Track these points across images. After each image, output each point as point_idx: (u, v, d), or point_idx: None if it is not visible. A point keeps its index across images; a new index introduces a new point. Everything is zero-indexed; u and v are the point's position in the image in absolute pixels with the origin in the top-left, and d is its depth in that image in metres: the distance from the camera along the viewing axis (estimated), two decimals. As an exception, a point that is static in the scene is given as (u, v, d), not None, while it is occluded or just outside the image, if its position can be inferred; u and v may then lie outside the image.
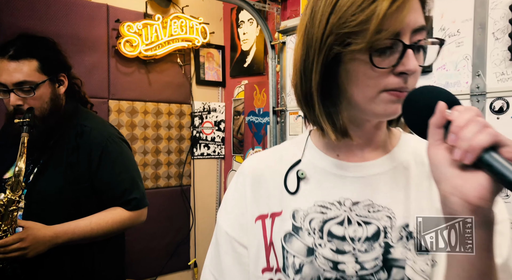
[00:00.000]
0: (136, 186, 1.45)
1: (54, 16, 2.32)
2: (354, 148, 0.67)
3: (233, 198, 0.74)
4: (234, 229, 0.71)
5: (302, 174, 0.68)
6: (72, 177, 1.34)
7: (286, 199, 0.68)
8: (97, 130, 1.41)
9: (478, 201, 0.45)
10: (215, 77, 3.09)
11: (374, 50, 0.55)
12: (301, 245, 0.64)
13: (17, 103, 1.30)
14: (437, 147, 0.49)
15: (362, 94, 0.58)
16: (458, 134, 0.46)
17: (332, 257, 0.62)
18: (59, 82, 1.40)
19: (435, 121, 0.49)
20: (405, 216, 0.62)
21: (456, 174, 0.47)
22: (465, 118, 0.46)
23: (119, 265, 1.54)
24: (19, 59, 1.29)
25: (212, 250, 0.76)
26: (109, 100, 2.54)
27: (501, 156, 0.44)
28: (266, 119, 2.76)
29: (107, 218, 1.37)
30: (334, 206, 0.65)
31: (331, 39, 0.57)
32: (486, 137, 0.44)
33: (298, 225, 0.65)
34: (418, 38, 0.57)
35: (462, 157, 0.46)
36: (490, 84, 1.52)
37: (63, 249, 1.31)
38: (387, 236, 0.61)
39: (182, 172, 2.91)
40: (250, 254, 0.69)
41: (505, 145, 0.44)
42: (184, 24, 2.76)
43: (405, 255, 0.60)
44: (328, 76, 0.60)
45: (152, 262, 2.76)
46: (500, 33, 1.49)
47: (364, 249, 0.61)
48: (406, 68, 0.55)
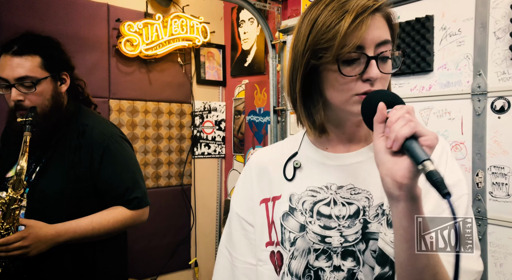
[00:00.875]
0: (138, 185, 1.45)
1: (54, 16, 2.32)
2: (340, 142, 0.81)
3: (243, 185, 0.89)
4: (243, 210, 0.86)
5: (297, 164, 0.82)
6: (74, 176, 1.34)
7: (284, 185, 0.82)
8: (99, 129, 1.41)
9: (402, 179, 0.56)
10: (215, 76, 3.09)
11: (342, 62, 0.67)
12: (295, 223, 0.77)
13: (18, 99, 1.30)
14: (379, 139, 0.60)
15: (338, 98, 0.71)
16: (390, 128, 0.58)
17: (320, 232, 0.75)
18: (61, 80, 1.40)
19: (376, 118, 0.61)
20: (381, 197, 0.73)
21: (389, 159, 0.58)
22: (397, 115, 0.58)
23: (121, 264, 1.54)
24: (22, 55, 1.29)
25: (226, 228, 0.90)
26: (110, 99, 2.54)
27: (418, 143, 0.55)
28: (267, 119, 2.76)
29: (109, 217, 1.38)
30: (322, 190, 0.78)
31: (308, 54, 0.70)
32: (407, 129, 0.56)
33: (294, 206, 0.79)
34: (381, 50, 0.68)
35: (391, 145, 0.57)
36: (491, 83, 1.51)
37: (65, 248, 1.32)
38: (366, 214, 0.74)
39: (183, 172, 2.91)
40: (256, 231, 0.83)
41: (423, 135, 0.56)
42: (184, 23, 2.75)
43: (379, 229, 0.71)
44: (309, 84, 0.75)
45: (152, 262, 2.76)
46: (501, 32, 1.49)
47: (347, 225, 0.74)
48: (370, 76, 0.67)
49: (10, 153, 1.37)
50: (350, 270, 0.72)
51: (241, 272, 0.84)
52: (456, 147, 1.61)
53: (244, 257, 0.84)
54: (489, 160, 1.51)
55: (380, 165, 0.60)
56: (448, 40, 1.64)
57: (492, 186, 1.50)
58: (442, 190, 0.52)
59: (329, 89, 0.72)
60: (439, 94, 1.66)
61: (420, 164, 0.53)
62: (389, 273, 0.68)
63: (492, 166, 1.50)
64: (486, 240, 1.51)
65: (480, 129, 1.53)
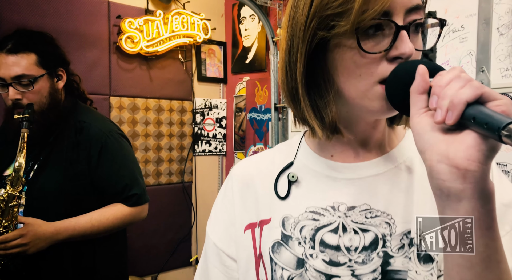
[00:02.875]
0: (136, 182, 1.44)
1: (55, 12, 2.31)
2: (349, 147, 0.61)
3: (222, 205, 0.68)
4: (222, 240, 0.66)
5: (293, 177, 0.62)
6: (72, 174, 1.34)
7: (275, 205, 0.62)
8: (96, 126, 1.40)
9: (467, 163, 0.39)
10: (216, 73, 3.07)
11: (361, 33, 0.49)
12: (291, 256, 0.58)
13: (15, 97, 1.29)
14: (420, 115, 0.43)
15: (354, 87, 0.52)
16: (438, 95, 0.41)
17: (324, 269, 0.56)
18: (58, 76, 1.39)
19: (415, 87, 0.45)
20: (406, 222, 0.55)
21: (441, 139, 0.41)
22: (448, 77, 0.42)
23: (121, 261, 1.53)
24: (17, 53, 1.28)
25: (201, 263, 0.70)
26: (111, 96, 2.53)
27: (488, 108, 0.38)
28: (268, 116, 2.75)
29: (108, 214, 1.37)
30: (327, 212, 0.58)
31: (314, 23, 0.51)
32: (468, 90, 0.39)
33: (288, 234, 0.59)
34: (413, 18, 0.50)
35: (444, 118, 0.40)
36: (494, 80, 1.50)
37: (64, 245, 1.31)
38: (386, 245, 0.55)
39: (184, 169, 2.91)
40: (240, 268, 0.63)
41: (494, 99, 0.39)
42: (185, 20, 2.74)
43: (407, 266, 0.53)
44: (314, 66, 0.54)
45: (153, 259, 2.76)
46: (505, 28, 1.47)
47: (361, 260, 0.55)
48: (400, 52, 0.49)
49: (8, 151, 1.37)
50: None
51: None
52: (458, 144, 1.60)
53: None
54: (492, 157, 1.50)
55: (427, 150, 0.42)
56: (451, 36, 1.63)
57: (494, 183, 1.49)
58: None
59: (342, 74, 0.52)
60: (442, 91, 1.65)
61: (504, 129, 0.35)
62: None
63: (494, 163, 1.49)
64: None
65: (482, 126, 1.52)
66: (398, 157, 0.60)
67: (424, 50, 0.53)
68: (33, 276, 1.31)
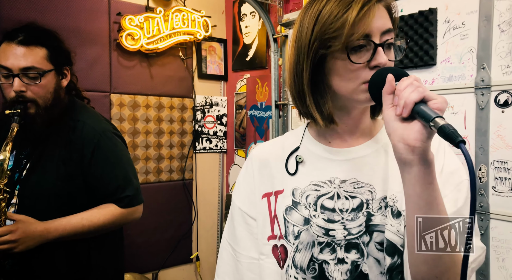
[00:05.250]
0: (130, 183, 1.42)
1: (55, 9, 2.30)
2: (342, 135, 0.81)
3: (244, 179, 0.89)
4: (245, 204, 0.86)
5: (300, 159, 0.83)
6: (64, 173, 1.32)
7: (286, 180, 0.82)
8: (90, 125, 1.38)
9: (415, 142, 0.58)
10: (217, 70, 3.07)
11: (350, 50, 0.69)
12: (299, 216, 0.78)
13: (20, 89, 1.27)
14: (388, 109, 0.63)
15: (345, 87, 0.72)
16: (399, 95, 0.60)
17: (324, 225, 0.76)
18: (63, 75, 1.39)
19: (385, 89, 0.64)
20: (384, 190, 0.75)
21: (400, 126, 0.60)
22: (405, 83, 0.60)
23: (117, 259, 1.52)
24: (29, 45, 1.27)
25: (228, 223, 0.90)
26: (111, 93, 2.53)
27: (428, 106, 0.57)
28: (268, 113, 2.75)
29: (99, 215, 1.35)
30: (326, 184, 0.79)
31: (316, 44, 0.71)
32: (416, 94, 0.58)
33: (297, 201, 0.79)
34: (386, 38, 0.71)
35: (401, 112, 0.60)
36: (495, 77, 1.50)
37: (58, 244, 1.30)
38: (369, 207, 0.75)
39: (184, 166, 2.91)
40: (258, 225, 0.83)
41: (432, 99, 0.58)
42: (186, 17, 2.74)
43: (384, 221, 0.73)
44: (316, 75, 0.75)
45: (154, 256, 2.77)
46: (506, 25, 1.47)
47: (350, 218, 0.75)
48: (378, 62, 0.69)
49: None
50: (354, 262, 0.74)
51: (246, 268, 0.84)
52: (459, 142, 1.60)
53: (248, 252, 0.84)
54: (492, 154, 1.50)
55: (392, 133, 0.61)
56: (451, 33, 1.62)
57: (495, 180, 1.49)
58: (456, 139, 0.52)
59: (336, 79, 0.73)
60: (442, 88, 1.65)
61: (432, 121, 0.55)
62: (398, 262, 0.70)
63: (495, 160, 1.49)
64: (488, 235, 1.50)
65: (483, 123, 1.52)
66: (378, 142, 0.81)
67: (394, 60, 0.74)
68: (27, 275, 1.30)
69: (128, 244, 1.60)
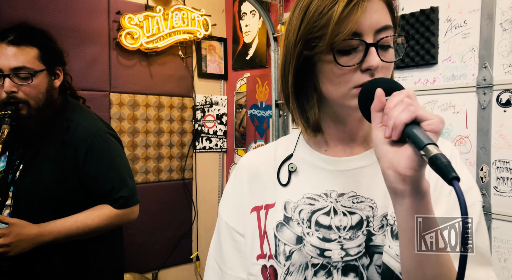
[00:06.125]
0: (125, 183, 1.40)
1: (54, 8, 2.29)
2: (340, 143, 0.73)
3: (232, 191, 0.80)
4: (232, 219, 0.77)
5: (293, 168, 0.74)
6: (58, 175, 1.31)
7: (278, 191, 0.73)
8: (83, 125, 1.35)
9: (405, 171, 0.50)
10: (217, 70, 3.06)
11: (337, 51, 0.61)
12: (291, 234, 0.69)
13: (11, 90, 1.25)
14: (377, 129, 0.54)
15: (335, 92, 0.64)
16: (388, 115, 0.52)
17: (319, 244, 0.67)
18: (56, 75, 1.37)
19: (373, 106, 0.55)
20: (385, 206, 0.67)
21: (389, 150, 0.52)
22: (395, 100, 0.52)
23: (116, 259, 1.51)
24: (19, 45, 1.25)
25: (214, 239, 0.81)
26: (111, 93, 2.52)
27: (420, 128, 0.49)
28: (269, 113, 2.74)
29: (94, 216, 1.34)
30: (321, 198, 0.70)
31: (301, 44, 0.64)
32: (406, 114, 0.50)
33: (289, 216, 0.70)
34: (382, 36, 0.61)
35: (390, 134, 0.51)
36: (497, 76, 1.49)
37: (55, 246, 1.29)
38: (370, 225, 0.66)
39: (184, 166, 2.90)
40: (247, 242, 0.74)
41: (426, 119, 0.50)
42: (185, 16, 2.73)
43: (384, 241, 0.64)
44: (303, 78, 0.68)
45: (154, 256, 2.76)
46: (508, 23, 1.46)
47: (348, 237, 0.66)
48: (369, 64, 0.60)
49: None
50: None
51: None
52: (460, 141, 1.59)
53: (235, 271, 0.75)
54: (494, 154, 1.49)
55: (381, 158, 0.53)
56: (453, 32, 1.61)
57: (497, 180, 1.48)
58: (449, 175, 0.43)
59: (324, 83, 0.65)
60: (444, 87, 1.64)
61: (422, 149, 0.47)
62: None
63: (497, 160, 1.48)
64: (490, 235, 1.49)
65: (485, 123, 1.51)
66: None
67: (393, 61, 0.65)
68: (25, 276, 1.29)
69: (128, 244, 1.59)
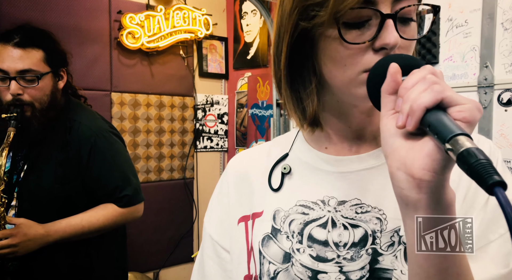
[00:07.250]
0: (128, 182, 1.41)
1: (55, 7, 2.29)
2: (344, 139, 0.58)
3: (217, 199, 0.68)
4: (217, 232, 0.65)
5: (285, 169, 0.60)
6: (62, 175, 1.31)
7: (268, 198, 0.60)
8: (86, 125, 1.36)
9: (422, 173, 0.36)
10: (218, 69, 3.06)
11: (343, 23, 0.46)
12: (278, 250, 0.56)
13: (17, 92, 1.26)
14: (388, 117, 0.40)
15: (339, 76, 0.50)
16: (403, 97, 0.38)
17: (311, 265, 0.53)
18: (60, 76, 1.38)
19: (385, 87, 0.42)
20: (397, 218, 0.49)
21: (402, 145, 0.38)
22: (414, 78, 0.39)
23: (120, 258, 1.52)
24: (25, 47, 1.26)
25: (198, 255, 0.69)
26: (112, 92, 2.53)
27: (447, 115, 0.35)
28: (270, 112, 2.74)
29: (99, 215, 1.34)
30: (317, 206, 0.56)
31: (297, 13, 0.49)
32: (428, 95, 0.36)
33: (277, 227, 0.57)
34: (402, 5, 0.47)
35: (404, 123, 0.38)
36: (498, 75, 1.49)
37: (58, 246, 1.30)
38: (376, 242, 0.52)
39: (185, 165, 2.90)
40: (233, 260, 0.62)
41: (456, 104, 0.36)
42: (186, 15, 2.73)
43: (394, 264, 0.51)
44: (299, 57, 0.53)
45: (155, 255, 2.76)
46: (509, 23, 1.46)
47: (349, 257, 0.52)
48: (385, 42, 0.46)
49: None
50: None
51: None
52: (461, 141, 1.59)
53: None
54: (495, 153, 1.49)
55: (390, 155, 0.40)
56: (454, 31, 1.61)
57: (498, 180, 1.48)
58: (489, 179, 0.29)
59: (326, 64, 0.50)
60: (445, 87, 1.64)
61: (449, 142, 0.33)
62: None
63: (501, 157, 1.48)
64: (491, 235, 1.49)
65: (486, 122, 1.51)
66: None
67: (415, 38, 0.50)
68: (29, 276, 1.29)
69: (129, 243, 1.59)
